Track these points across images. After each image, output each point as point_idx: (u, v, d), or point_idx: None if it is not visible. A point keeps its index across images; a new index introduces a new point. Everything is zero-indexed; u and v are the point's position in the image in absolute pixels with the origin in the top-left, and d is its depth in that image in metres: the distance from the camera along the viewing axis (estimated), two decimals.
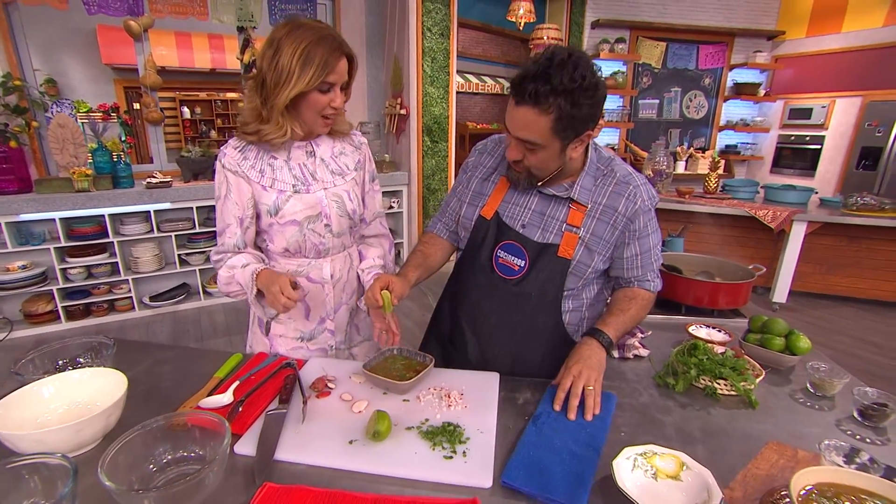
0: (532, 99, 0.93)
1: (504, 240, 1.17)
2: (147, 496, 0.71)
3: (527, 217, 1.16)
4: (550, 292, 1.16)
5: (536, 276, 1.15)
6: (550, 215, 1.15)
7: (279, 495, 0.77)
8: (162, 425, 0.83)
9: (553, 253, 1.13)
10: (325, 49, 1.03)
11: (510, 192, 1.19)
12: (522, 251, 1.15)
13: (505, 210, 1.19)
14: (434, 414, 0.99)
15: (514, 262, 1.16)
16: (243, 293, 1.18)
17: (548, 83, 0.92)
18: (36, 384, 0.93)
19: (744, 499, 0.78)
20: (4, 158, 3.11)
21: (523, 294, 1.16)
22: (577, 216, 1.13)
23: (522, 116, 0.97)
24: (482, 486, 0.80)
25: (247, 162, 1.17)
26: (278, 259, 1.28)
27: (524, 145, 1.02)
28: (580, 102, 0.94)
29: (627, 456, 0.82)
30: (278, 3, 3.95)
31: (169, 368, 1.20)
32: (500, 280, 1.18)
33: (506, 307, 1.19)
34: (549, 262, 1.14)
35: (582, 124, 0.99)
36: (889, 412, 0.95)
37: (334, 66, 1.06)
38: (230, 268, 1.18)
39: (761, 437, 0.95)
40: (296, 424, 0.95)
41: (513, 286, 1.17)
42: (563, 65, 0.92)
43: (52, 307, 3.41)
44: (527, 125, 0.98)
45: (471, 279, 1.24)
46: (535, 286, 1.15)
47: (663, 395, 1.10)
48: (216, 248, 1.23)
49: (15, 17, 3.22)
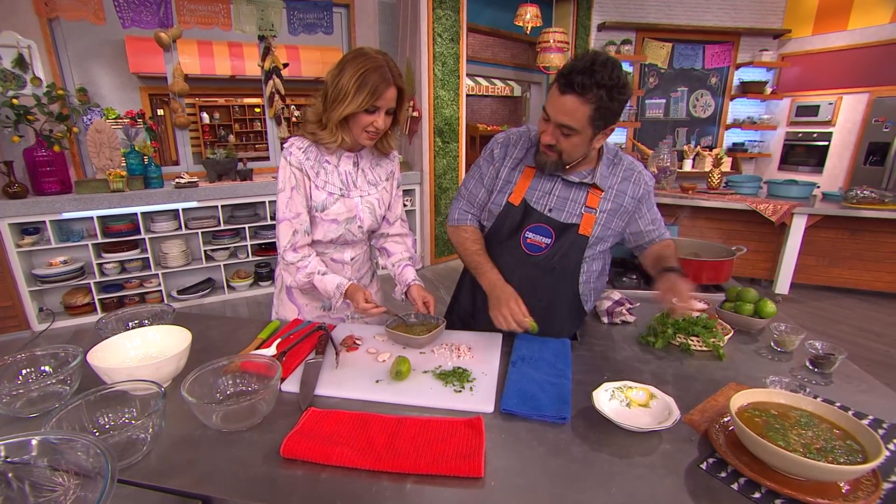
0: (579, 88, 1.08)
1: (532, 222, 1.33)
2: (216, 410, 0.91)
3: (552, 202, 1.33)
4: (571, 265, 1.35)
5: (560, 252, 1.32)
6: (573, 199, 1.32)
7: (321, 417, 0.95)
8: (226, 364, 1.02)
9: (575, 231, 1.31)
10: (377, 77, 1.21)
11: (535, 180, 1.34)
12: (549, 231, 1.32)
13: (532, 196, 1.34)
14: (446, 362, 1.19)
15: (541, 240, 1.33)
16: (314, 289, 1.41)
17: (592, 77, 1.07)
18: (120, 336, 1.13)
19: (700, 420, 0.95)
20: (48, 162, 3.36)
21: (548, 267, 1.34)
22: (595, 199, 1.31)
23: (567, 103, 1.11)
24: (486, 411, 0.99)
25: (308, 161, 1.36)
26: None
27: (560, 130, 1.16)
28: (615, 97, 1.11)
29: (606, 388, 1.00)
30: (297, 12, 4.18)
31: (217, 333, 1.41)
32: (527, 256, 1.35)
33: (533, 279, 1.35)
34: (571, 239, 1.32)
35: (612, 117, 1.15)
36: (834, 359, 1.11)
37: (383, 93, 1.23)
38: (309, 274, 1.38)
39: (724, 380, 1.12)
40: (330, 370, 1.14)
41: (540, 261, 1.34)
42: (605, 64, 1.08)
43: (90, 300, 3.66)
44: (569, 112, 1.12)
45: (497, 258, 1.37)
46: (559, 260, 1.33)
47: (644, 351, 1.28)
48: (290, 242, 1.37)
49: (58, 31, 3.49)
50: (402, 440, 0.88)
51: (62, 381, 1.01)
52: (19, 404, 0.96)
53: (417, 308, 1.41)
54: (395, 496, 0.77)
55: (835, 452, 0.78)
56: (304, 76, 7.07)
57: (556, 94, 1.14)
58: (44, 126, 3.32)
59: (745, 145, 6.16)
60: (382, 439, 0.88)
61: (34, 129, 3.27)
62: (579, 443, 0.90)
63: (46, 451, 0.72)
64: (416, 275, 1.52)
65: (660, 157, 4.36)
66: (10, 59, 3.26)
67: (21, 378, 1.05)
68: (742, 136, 6.20)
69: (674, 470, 0.83)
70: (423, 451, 0.85)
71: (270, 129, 4.50)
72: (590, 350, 1.29)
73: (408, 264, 1.53)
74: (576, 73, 1.08)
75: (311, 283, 1.39)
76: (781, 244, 4.05)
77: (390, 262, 1.57)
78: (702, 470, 0.83)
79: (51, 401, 0.99)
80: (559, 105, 1.13)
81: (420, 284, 1.47)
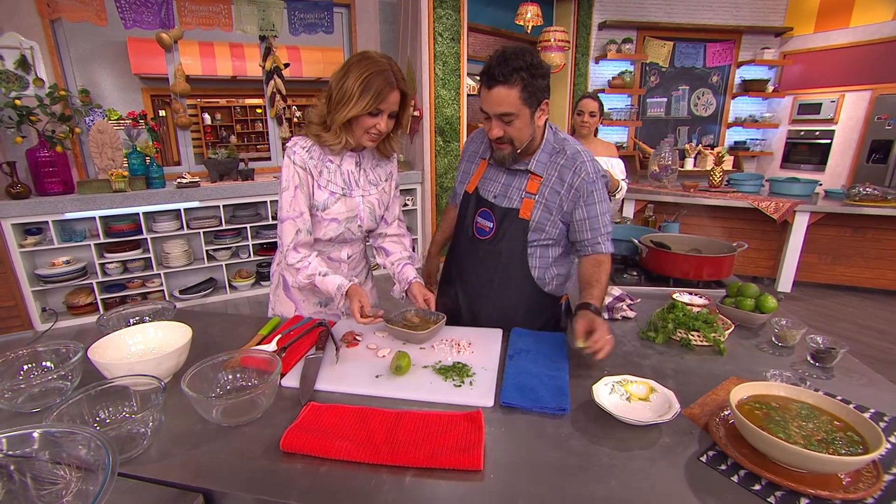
0: (501, 77, 1.19)
1: (480, 208, 1.45)
2: (216, 405, 0.91)
3: (497, 189, 1.43)
4: (516, 248, 1.41)
5: (503, 235, 1.41)
6: (514, 186, 1.41)
7: (320, 411, 0.95)
8: (226, 359, 1.03)
9: (515, 216, 1.39)
10: (381, 80, 1.23)
11: (487, 170, 1.47)
12: (491, 215, 1.43)
13: (482, 185, 1.46)
14: (446, 357, 1.19)
15: (486, 224, 1.44)
16: (315, 288, 1.41)
17: (508, 65, 1.18)
18: (121, 332, 1.14)
19: (700, 414, 0.95)
20: (51, 162, 3.38)
21: (495, 251, 1.43)
22: (534, 185, 1.38)
23: (496, 94, 1.22)
24: (486, 406, 0.99)
25: (312, 161, 1.36)
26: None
27: (502, 120, 1.25)
28: (535, 74, 1.21)
29: (606, 383, 0.99)
30: (298, 12, 4.18)
31: (218, 330, 1.41)
32: (478, 241, 1.46)
33: (483, 263, 1.46)
34: (512, 223, 1.39)
35: (541, 93, 1.25)
36: (835, 353, 1.11)
37: (386, 97, 1.26)
38: (310, 275, 1.38)
39: (724, 375, 1.12)
40: (331, 365, 1.15)
41: (487, 244, 1.44)
42: (515, 53, 1.20)
43: (92, 299, 3.66)
44: (501, 100, 1.22)
45: (459, 244, 1.54)
46: (503, 243, 1.41)
47: (644, 346, 1.27)
48: (293, 241, 1.37)
49: (60, 32, 3.50)
50: (401, 433, 0.88)
51: (63, 376, 1.01)
52: (21, 399, 0.97)
53: (418, 305, 1.41)
54: (394, 489, 0.77)
55: (835, 444, 0.78)
56: (305, 76, 7.09)
57: (485, 91, 1.25)
58: (46, 127, 3.33)
59: (746, 144, 6.14)
60: (382, 433, 0.88)
61: (37, 129, 3.28)
62: (579, 436, 0.90)
63: (48, 445, 0.72)
64: (417, 273, 1.53)
65: (661, 156, 4.35)
66: (13, 60, 3.27)
67: (23, 374, 1.05)
68: (744, 135, 6.18)
69: (674, 463, 0.83)
70: (423, 444, 0.85)
71: (272, 130, 4.51)
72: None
73: (408, 263, 1.55)
74: (493, 67, 1.20)
75: (312, 283, 1.39)
76: (783, 242, 4.04)
77: (389, 261, 1.58)
78: (702, 463, 0.83)
79: (52, 396, 0.99)
80: (491, 99, 1.23)
81: (421, 282, 1.48)
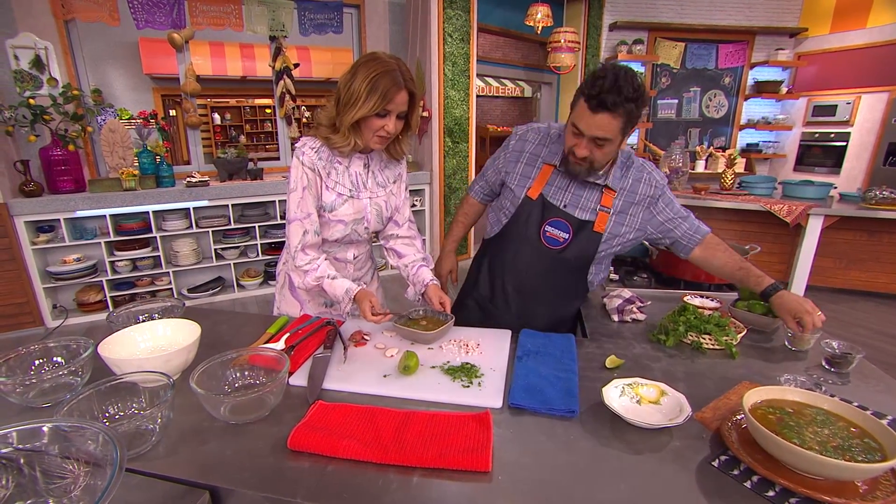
0: (612, 107, 1.17)
1: (551, 217, 1.42)
2: (224, 402, 0.91)
3: (567, 199, 1.42)
4: (585, 259, 1.43)
5: (577, 246, 1.41)
6: (586, 197, 1.41)
7: (328, 410, 0.95)
8: (234, 357, 1.03)
9: (590, 228, 1.40)
10: (388, 81, 1.22)
11: (552, 177, 1.44)
12: (567, 226, 1.41)
13: (549, 192, 1.43)
14: (454, 358, 1.18)
15: (559, 234, 1.42)
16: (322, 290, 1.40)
17: (620, 94, 1.16)
18: (130, 329, 1.14)
19: (712, 418, 0.93)
20: (63, 161, 3.42)
21: (565, 259, 1.43)
22: (609, 199, 1.39)
23: (600, 120, 1.20)
24: (494, 406, 0.98)
25: (320, 162, 1.36)
26: None
27: (595, 143, 1.25)
28: (640, 106, 1.21)
29: (616, 385, 0.98)
30: (308, 13, 4.20)
31: (227, 328, 1.41)
32: (546, 249, 1.43)
33: (550, 270, 1.45)
34: (587, 235, 1.40)
35: (637, 122, 1.26)
36: (852, 359, 1.09)
37: (394, 97, 1.24)
38: (318, 278, 1.38)
39: (736, 379, 1.10)
40: (339, 364, 1.14)
41: (557, 253, 1.43)
42: (626, 79, 1.17)
43: (102, 297, 3.70)
44: (603, 127, 1.21)
45: (518, 249, 1.47)
46: (574, 253, 1.42)
47: (655, 349, 1.26)
48: (301, 242, 1.36)
49: (73, 32, 3.55)
50: (409, 433, 0.87)
51: (74, 372, 1.02)
52: (32, 394, 0.97)
53: (434, 308, 1.41)
54: (401, 489, 0.77)
55: (852, 450, 0.76)
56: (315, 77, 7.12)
57: (587, 112, 1.21)
58: (59, 126, 3.37)
59: (759, 146, 6.07)
60: (390, 432, 0.88)
61: (50, 128, 3.32)
62: (588, 438, 0.89)
63: (57, 439, 0.72)
64: (433, 275, 1.52)
65: (672, 158, 4.31)
66: (28, 60, 3.32)
67: (34, 369, 1.06)
68: (756, 137, 6.11)
69: (685, 467, 0.81)
70: (431, 444, 0.85)
71: (281, 130, 4.53)
72: (600, 347, 1.28)
73: (423, 265, 1.54)
74: (605, 92, 1.16)
75: (320, 286, 1.39)
76: (797, 246, 3.98)
77: (402, 263, 1.57)
78: (713, 467, 0.81)
79: (62, 391, 1.00)
80: (593, 123, 1.21)
81: (437, 284, 1.48)
